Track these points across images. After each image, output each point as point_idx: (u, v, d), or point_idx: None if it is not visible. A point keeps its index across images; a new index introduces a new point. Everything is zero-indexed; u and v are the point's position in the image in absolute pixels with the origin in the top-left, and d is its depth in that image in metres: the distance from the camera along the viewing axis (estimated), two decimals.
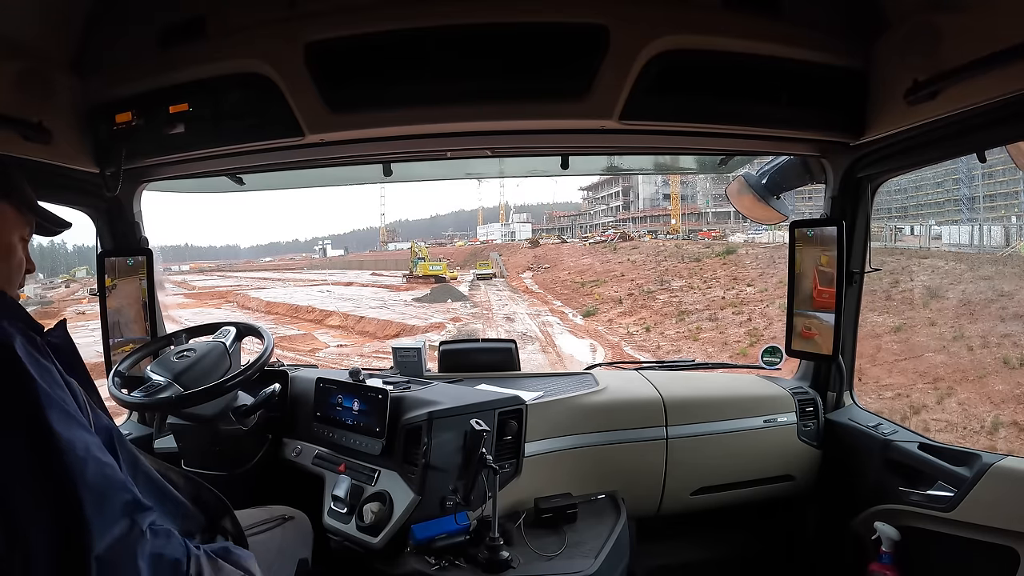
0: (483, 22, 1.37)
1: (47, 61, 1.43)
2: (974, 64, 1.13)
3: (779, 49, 1.41)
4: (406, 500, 1.45)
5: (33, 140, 1.41)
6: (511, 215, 55.25)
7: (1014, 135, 1.29)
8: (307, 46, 1.39)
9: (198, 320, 5.16)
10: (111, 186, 1.60)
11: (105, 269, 1.94)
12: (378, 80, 1.43)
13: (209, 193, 2.44)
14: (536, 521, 1.59)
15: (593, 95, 1.40)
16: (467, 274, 31.36)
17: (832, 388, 1.97)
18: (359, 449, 1.60)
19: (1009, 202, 21.47)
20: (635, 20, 1.36)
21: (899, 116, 1.38)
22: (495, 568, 1.36)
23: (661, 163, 2.26)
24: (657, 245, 28.11)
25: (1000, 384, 10.17)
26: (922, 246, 18.99)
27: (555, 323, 19.59)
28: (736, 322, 16.97)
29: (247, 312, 23.54)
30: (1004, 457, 1.44)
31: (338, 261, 50.22)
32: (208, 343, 1.69)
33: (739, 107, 1.47)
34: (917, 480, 1.62)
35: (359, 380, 1.66)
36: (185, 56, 1.46)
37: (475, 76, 1.41)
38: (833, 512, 1.87)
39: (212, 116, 1.51)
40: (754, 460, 1.91)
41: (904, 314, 13.29)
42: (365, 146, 1.65)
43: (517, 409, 1.59)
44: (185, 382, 1.56)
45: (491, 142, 1.68)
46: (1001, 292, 12.64)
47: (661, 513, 1.88)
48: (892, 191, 22.62)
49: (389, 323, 19.45)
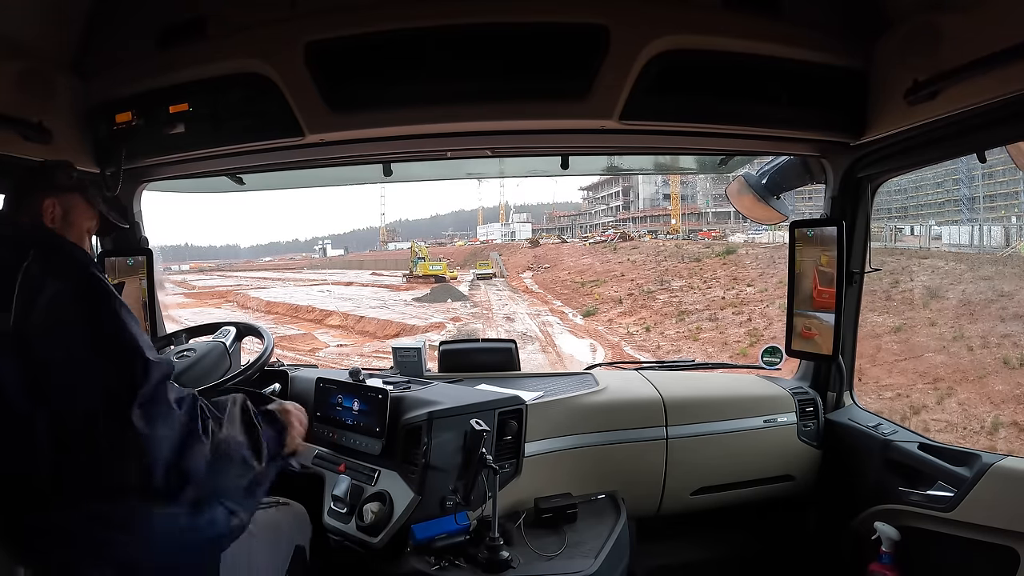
0: (483, 22, 1.37)
1: (47, 61, 1.43)
2: (974, 64, 1.13)
3: (779, 49, 1.42)
4: (406, 500, 1.45)
5: (33, 140, 1.41)
6: (511, 215, 55.21)
7: (1014, 135, 1.29)
8: (307, 46, 1.39)
9: (198, 320, 5.16)
10: (111, 186, 1.60)
11: (105, 269, 1.94)
12: (378, 80, 1.43)
13: (209, 193, 2.44)
14: (536, 521, 1.59)
15: (593, 95, 1.40)
16: (467, 274, 31.35)
17: (832, 388, 1.97)
18: (359, 449, 1.60)
19: (1009, 202, 21.46)
20: (635, 20, 1.36)
21: (899, 116, 1.38)
22: (495, 568, 1.36)
23: (661, 163, 2.26)
24: (657, 245, 28.10)
25: (1000, 384, 10.17)
26: (922, 246, 18.98)
27: (555, 323, 19.60)
28: (736, 322, 16.97)
29: (247, 312, 23.55)
30: (1004, 457, 1.45)
31: (338, 261, 50.17)
32: (208, 343, 1.69)
33: (739, 107, 1.47)
34: (917, 480, 1.62)
35: (359, 380, 1.66)
36: (185, 56, 1.46)
37: (475, 76, 1.41)
38: (833, 512, 1.87)
39: (212, 116, 1.51)
40: (754, 460, 1.91)
41: (904, 314, 13.29)
42: (365, 146, 1.66)
43: (517, 409, 1.59)
44: (185, 382, 1.55)
45: (491, 142, 1.68)
46: (1001, 292, 12.64)
47: (661, 513, 1.88)
48: (892, 191, 22.59)
49: (389, 323, 19.46)
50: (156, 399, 1.02)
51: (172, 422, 1.02)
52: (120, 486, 1.01)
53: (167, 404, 1.03)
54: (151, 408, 1.01)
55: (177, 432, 1.03)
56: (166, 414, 1.02)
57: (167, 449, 1.01)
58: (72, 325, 1.02)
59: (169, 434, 1.02)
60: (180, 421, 1.04)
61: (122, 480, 1.01)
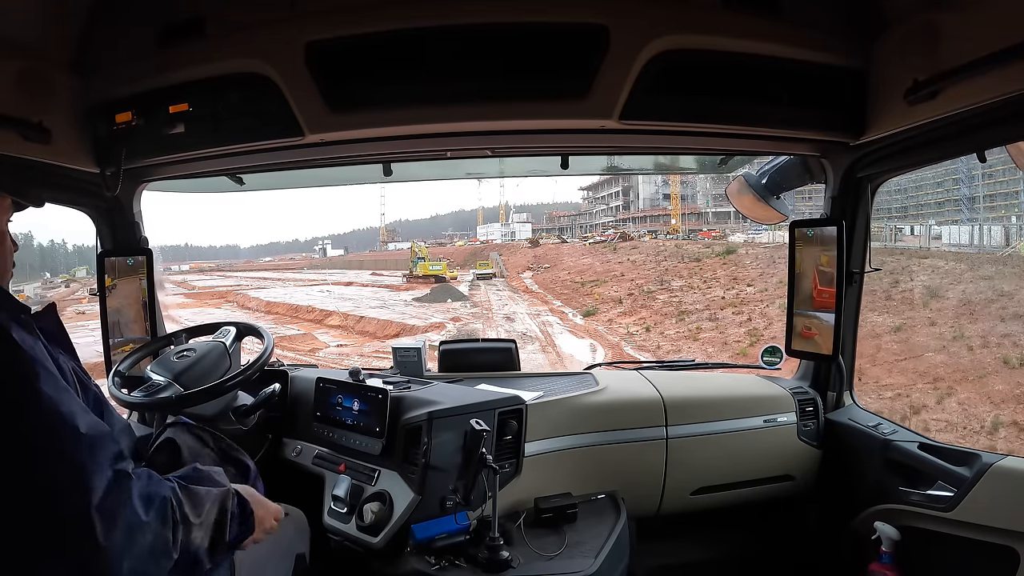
0: (483, 22, 1.36)
1: (47, 61, 1.43)
2: (974, 64, 1.13)
3: (779, 49, 1.41)
4: (406, 500, 1.45)
5: (33, 140, 1.40)
6: (511, 215, 55.24)
7: (1014, 135, 1.29)
8: (307, 46, 1.39)
9: (198, 320, 5.16)
10: (111, 186, 1.60)
11: (105, 269, 1.94)
12: (378, 80, 1.42)
13: (209, 193, 2.44)
14: (536, 521, 1.59)
15: (593, 95, 1.40)
16: (467, 274, 31.36)
17: (832, 388, 1.97)
18: (359, 449, 1.60)
19: (1009, 202, 21.47)
20: (635, 20, 1.35)
21: (899, 116, 1.38)
22: (495, 568, 1.36)
23: (661, 163, 2.26)
24: (657, 245, 28.12)
25: (1000, 384, 10.17)
26: (922, 246, 18.99)
27: (555, 323, 19.59)
28: (736, 322, 16.97)
29: (247, 312, 23.55)
30: (1004, 457, 1.45)
31: (338, 261, 50.20)
32: (208, 343, 1.69)
33: (739, 107, 1.47)
34: (917, 480, 1.62)
35: (359, 380, 1.66)
36: (185, 56, 1.46)
37: (475, 76, 1.41)
38: (833, 512, 1.87)
39: (212, 116, 1.50)
40: (754, 460, 1.91)
41: (904, 314, 13.29)
42: (365, 146, 1.65)
43: (517, 409, 1.59)
44: (185, 382, 1.55)
45: (491, 142, 1.68)
46: (1001, 292, 12.65)
47: (661, 513, 1.88)
48: (892, 191, 22.62)
49: (389, 323, 19.45)
50: (119, 502, 0.82)
51: (142, 532, 0.83)
52: None
53: (131, 508, 0.83)
54: (112, 516, 0.81)
55: (145, 548, 0.83)
56: (133, 523, 0.82)
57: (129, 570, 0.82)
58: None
59: (136, 551, 0.82)
60: (151, 531, 0.84)
61: None
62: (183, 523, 0.90)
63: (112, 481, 0.83)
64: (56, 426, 0.83)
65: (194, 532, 0.91)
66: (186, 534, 0.90)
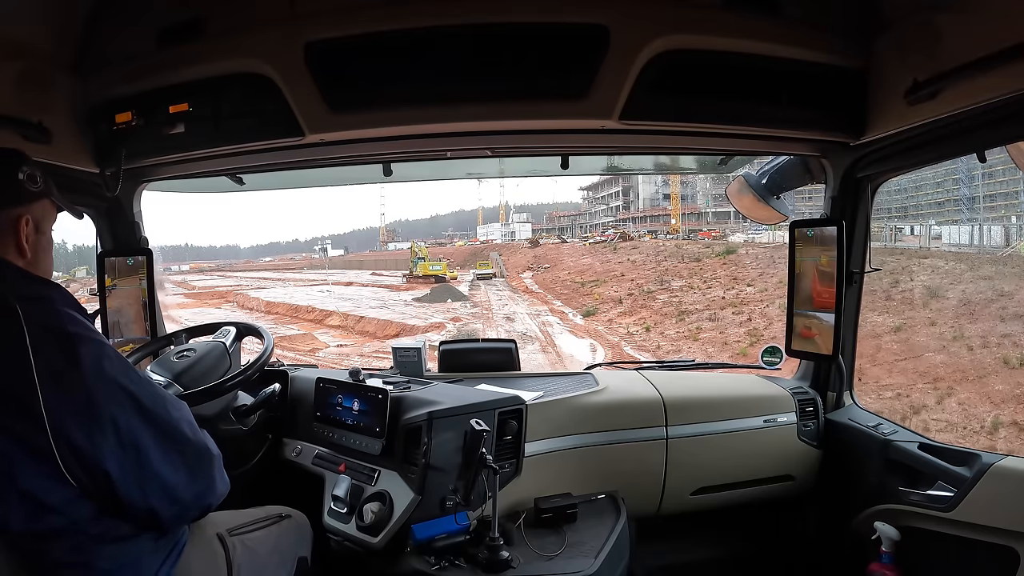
0: (483, 22, 1.37)
1: (47, 61, 1.43)
2: (974, 64, 1.13)
3: (779, 49, 1.41)
4: (406, 500, 1.45)
5: (33, 140, 1.41)
6: (511, 215, 55.24)
7: (1014, 135, 1.29)
8: (307, 46, 1.39)
9: (198, 320, 5.16)
10: (111, 186, 1.60)
11: (105, 269, 1.94)
12: (378, 80, 1.42)
13: (209, 193, 2.44)
14: (536, 521, 1.59)
15: (593, 95, 1.40)
16: (467, 274, 31.36)
17: (832, 388, 1.97)
18: (359, 449, 1.60)
19: (1009, 202, 21.45)
20: (635, 20, 1.36)
21: (899, 116, 1.38)
22: (495, 568, 1.36)
23: (661, 163, 2.26)
24: (657, 245, 28.11)
25: (1000, 384, 10.17)
26: (922, 246, 18.99)
27: (555, 323, 19.59)
28: (736, 322, 16.97)
29: (247, 312, 23.55)
30: (1004, 457, 1.44)
31: (338, 261, 50.21)
32: (208, 343, 1.69)
33: (739, 107, 1.47)
34: (917, 480, 1.62)
35: (359, 380, 1.66)
36: (185, 56, 1.46)
37: (475, 76, 1.41)
38: (833, 512, 1.87)
39: (212, 116, 1.51)
40: (754, 460, 1.91)
41: (904, 314, 13.29)
42: (365, 146, 1.65)
43: (517, 409, 1.59)
44: (185, 382, 1.55)
45: (491, 142, 1.68)
46: (1001, 292, 12.64)
47: (661, 513, 1.88)
48: (892, 191, 22.59)
49: (389, 323, 19.45)
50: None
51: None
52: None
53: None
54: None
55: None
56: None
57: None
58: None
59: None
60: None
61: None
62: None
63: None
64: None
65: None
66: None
